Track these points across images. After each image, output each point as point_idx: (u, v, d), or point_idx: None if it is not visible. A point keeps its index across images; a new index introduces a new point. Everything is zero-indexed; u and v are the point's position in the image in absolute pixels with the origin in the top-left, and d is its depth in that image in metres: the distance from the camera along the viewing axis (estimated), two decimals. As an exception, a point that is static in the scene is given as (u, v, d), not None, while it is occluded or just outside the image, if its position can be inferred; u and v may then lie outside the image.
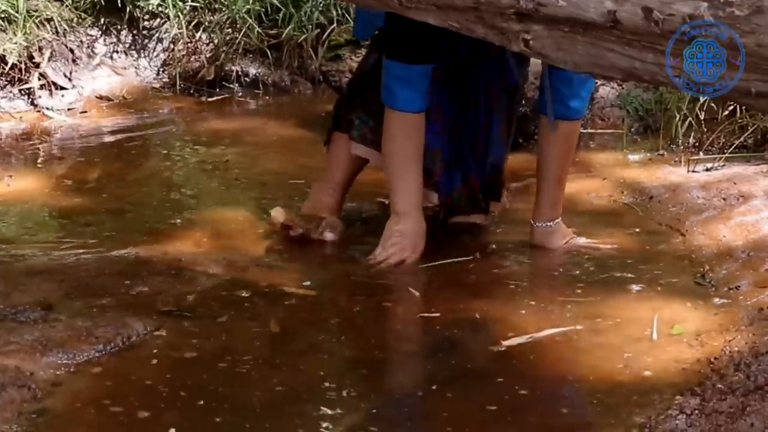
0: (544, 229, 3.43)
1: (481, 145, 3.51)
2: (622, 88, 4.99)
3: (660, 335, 2.82)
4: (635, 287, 3.15)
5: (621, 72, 2.35)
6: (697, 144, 4.37)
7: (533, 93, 4.42)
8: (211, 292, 3.12)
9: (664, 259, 3.38)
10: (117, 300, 3.02)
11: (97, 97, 5.36)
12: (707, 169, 4.06)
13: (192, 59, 5.62)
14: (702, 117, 4.40)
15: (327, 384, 2.60)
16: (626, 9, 2.21)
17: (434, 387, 2.60)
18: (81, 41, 5.51)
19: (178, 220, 3.80)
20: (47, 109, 5.15)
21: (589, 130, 4.79)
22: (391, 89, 3.29)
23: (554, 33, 2.35)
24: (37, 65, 5.21)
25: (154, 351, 2.76)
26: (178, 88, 5.54)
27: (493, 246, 3.51)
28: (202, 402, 2.50)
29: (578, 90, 3.34)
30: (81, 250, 3.42)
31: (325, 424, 2.41)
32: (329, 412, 2.46)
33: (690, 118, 4.42)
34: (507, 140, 3.62)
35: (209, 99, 5.50)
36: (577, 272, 3.27)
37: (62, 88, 5.26)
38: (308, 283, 3.19)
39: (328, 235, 3.47)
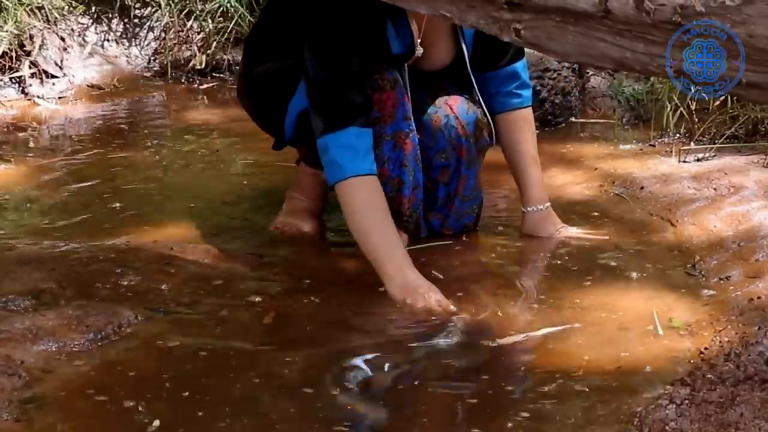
0: (536, 213, 3.42)
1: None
2: (614, 78, 5.00)
3: (662, 328, 2.82)
4: (626, 278, 3.15)
5: (612, 62, 2.35)
6: (688, 134, 4.38)
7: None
8: (201, 282, 3.11)
9: (654, 250, 3.38)
10: (107, 289, 3.01)
11: (88, 86, 5.36)
12: (698, 160, 4.06)
13: (183, 48, 5.62)
14: (693, 107, 4.41)
15: (311, 376, 2.59)
16: (617, -1, 2.21)
17: (417, 383, 2.59)
18: (72, 29, 5.51)
19: (169, 209, 3.79)
20: (38, 97, 5.15)
21: (581, 120, 4.80)
22: (336, 163, 3.04)
23: (545, 23, 2.35)
24: (28, 53, 5.21)
25: (145, 340, 2.76)
26: (169, 76, 5.54)
27: (480, 234, 3.51)
28: (188, 393, 2.50)
29: (524, 78, 3.45)
30: (71, 239, 3.41)
31: (306, 418, 2.40)
32: (311, 405, 2.45)
33: (681, 109, 4.42)
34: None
35: (200, 87, 5.49)
36: (567, 263, 3.27)
37: (53, 77, 5.26)
38: (301, 274, 3.19)
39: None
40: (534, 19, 2.36)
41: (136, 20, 5.68)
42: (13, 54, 5.15)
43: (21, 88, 5.17)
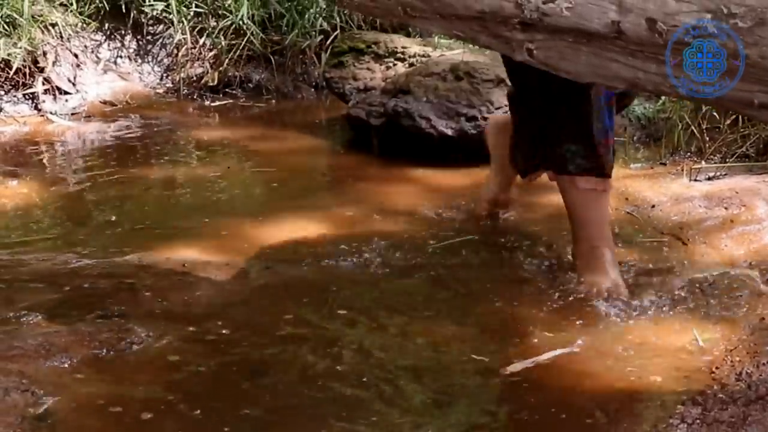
0: None
1: None
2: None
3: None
4: (637, 296, 3.15)
5: (624, 82, 2.36)
6: (699, 153, 4.38)
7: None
8: (213, 298, 3.12)
9: (665, 269, 3.38)
10: (120, 305, 3.02)
11: (100, 102, 5.38)
12: (709, 179, 4.06)
13: (195, 65, 5.64)
14: (704, 126, 4.41)
15: (315, 399, 2.59)
16: (630, 20, 2.22)
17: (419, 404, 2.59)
18: (85, 46, 5.53)
19: (181, 226, 3.80)
20: (51, 113, 5.17)
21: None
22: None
23: (558, 43, 2.36)
24: (42, 70, 5.23)
25: (157, 357, 2.76)
26: (181, 93, 5.56)
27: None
28: (199, 411, 2.50)
29: None
30: (84, 255, 3.42)
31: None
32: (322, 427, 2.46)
33: (692, 128, 4.42)
34: None
35: (212, 104, 5.51)
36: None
37: (66, 93, 5.28)
38: (310, 289, 3.20)
39: None
40: (547, 40, 2.37)
41: (149, 37, 5.70)
42: (27, 70, 5.17)
43: (34, 104, 5.19)
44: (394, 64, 4.95)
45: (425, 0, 2.47)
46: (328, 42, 5.55)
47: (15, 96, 5.17)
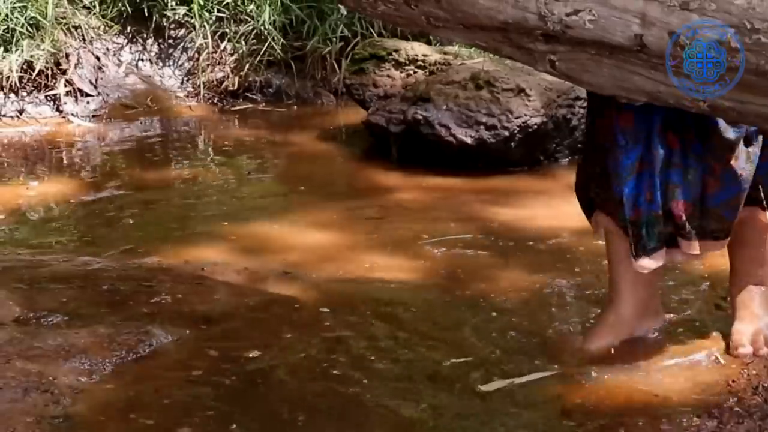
0: None
1: None
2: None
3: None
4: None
5: (646, 95, 2.36)
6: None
7: (555, 110, 4.45)
8: (232, 302, 3.14)
9: (682, 281, 3.38)
10: (139, 307, 3.04)
11: (121, 105, 5.41)
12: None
13: (216, 69, 5.66)
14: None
15: (348, 400, 2.61)
16: (653, 33, 2.22)
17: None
18: (107, 49, 5.57)
19: (200, 229, 3.83)
20: (72, 115, 5.20)
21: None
22: None
23: (580, 55, 2.37)
24: (64, 72, 5.26)
25: (176, 360, 2.78)
26: (201, 97, 5.58)
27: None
28: (217, 413, 2.52)
29: None
30: (104, 257, 3.45)
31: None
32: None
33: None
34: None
35: (232, 109, 5.54)
36: (592, 291, 3.28)
37: (87, 95, 5.31)
38: (327, 296, 3.21)
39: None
40: (569, 52, 2.38)
41: (170, 41, 5.73)
42: (49, 72, 5.21)
43: (56, 105, 5.23)
44: (415, 72, 4.97)
45: (448, 10, 2.48)
46: (349, 48, 5.57)
47: (37, 97, 5.21)
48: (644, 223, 2.70)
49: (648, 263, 2.75)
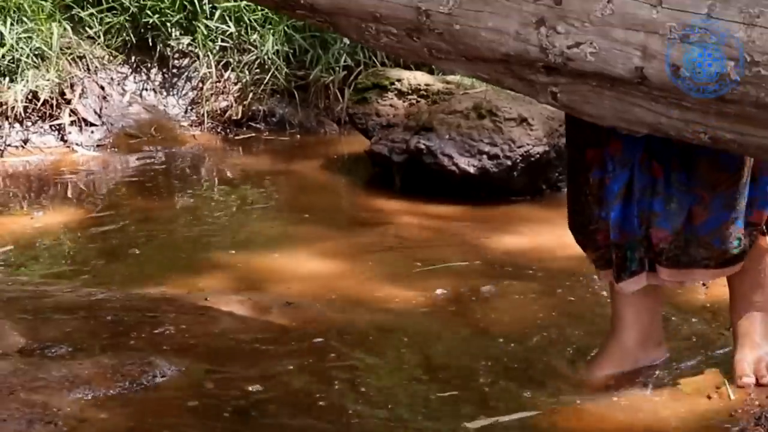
0: None
1: None
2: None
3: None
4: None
5: (647, 126, 2.37)
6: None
7: (557, 139, 4.46)
8: (236, 332, 3.14)
9: (685, 311, 3.38)
10: (142, 339, 3.05)
11: (125, 134, 5.43)
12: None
13: (220, 98, 5.69)
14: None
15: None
16: (654, 66, 2.24)
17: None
18: (112, 78, 5.59)
19: (204, 259, 3.83)
20: (77, 144, 5.22)
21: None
22: None
23: (582, 87, 2.38)
24: (68, 101, 5.29)
25: (179, 391, 2.78)
26: (205, 126, 5.60)
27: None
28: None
29: None
30: (107, 287, 3.46)
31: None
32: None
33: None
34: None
35: (236, 138, 5.56)
36: (593, 321, 3.28)
37: (92, 125, 5.34)
38: (329, 327, 3.22)
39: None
40: (570, 83, 2.39)
41: (174, 70, 5.76)
42: (54, 102, 5.23)
43: (60, 135, 5.25)
44: (417, 101, 4.99)
45: (450, 42, 2.50)
46: (352, 77, 5.59)
47: (42, 127, 5.23)
48: (628, 247, 2.75)
49: (629, 286, 2.79)
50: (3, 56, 5.11)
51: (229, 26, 5.65)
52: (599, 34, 2.30)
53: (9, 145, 5.12)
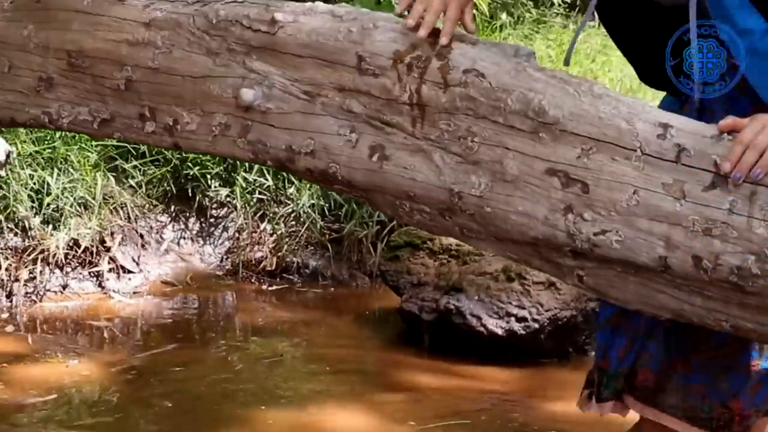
0: None
1: None
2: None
3: None
4: None
5: (670, 312, 2.44)
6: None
7: (584, 304, 4.53)
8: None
9: None
10: (172, 496, 3.10)
11: (162, 282, 5.54)
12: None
13: (255, 249, 5.80)
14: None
15: None
16: (677, 256, 2.32)
17: None
18: (151, 227, 5.73)
19: (235, 414, 3.88)
20: (114, 291, 5.33)
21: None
22: None
23: (607, 272, 2.46)
24: (108, 249, 5.42)
25: None
26: (240, 275, 5.70)
27: None
28: None
29: None
30: (138, 441, 3.52)
31: None
32: None
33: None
34: None
35: (269, 288, 5.65)
36: None
37: (129, 272, 5.45)
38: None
39: None
40: (596, 268, 2.47)
41: (211, 220, 5.90)
42: (94, 249, 5.36)
43: (98, 282, 5.36)
44: (448, 261, 5.08)
45: (481, 224, 2.60)
46: (385, 232, 5.70)
47: (81, 273, 5.35)
48: (608, 375, 2.72)
49: (596, 409, 2.73)
50: (48, 205, 5.27)
51: (266, 179, 5.80)
52: (624, 223, 2.39)
53: (48, 290, 5.23)
